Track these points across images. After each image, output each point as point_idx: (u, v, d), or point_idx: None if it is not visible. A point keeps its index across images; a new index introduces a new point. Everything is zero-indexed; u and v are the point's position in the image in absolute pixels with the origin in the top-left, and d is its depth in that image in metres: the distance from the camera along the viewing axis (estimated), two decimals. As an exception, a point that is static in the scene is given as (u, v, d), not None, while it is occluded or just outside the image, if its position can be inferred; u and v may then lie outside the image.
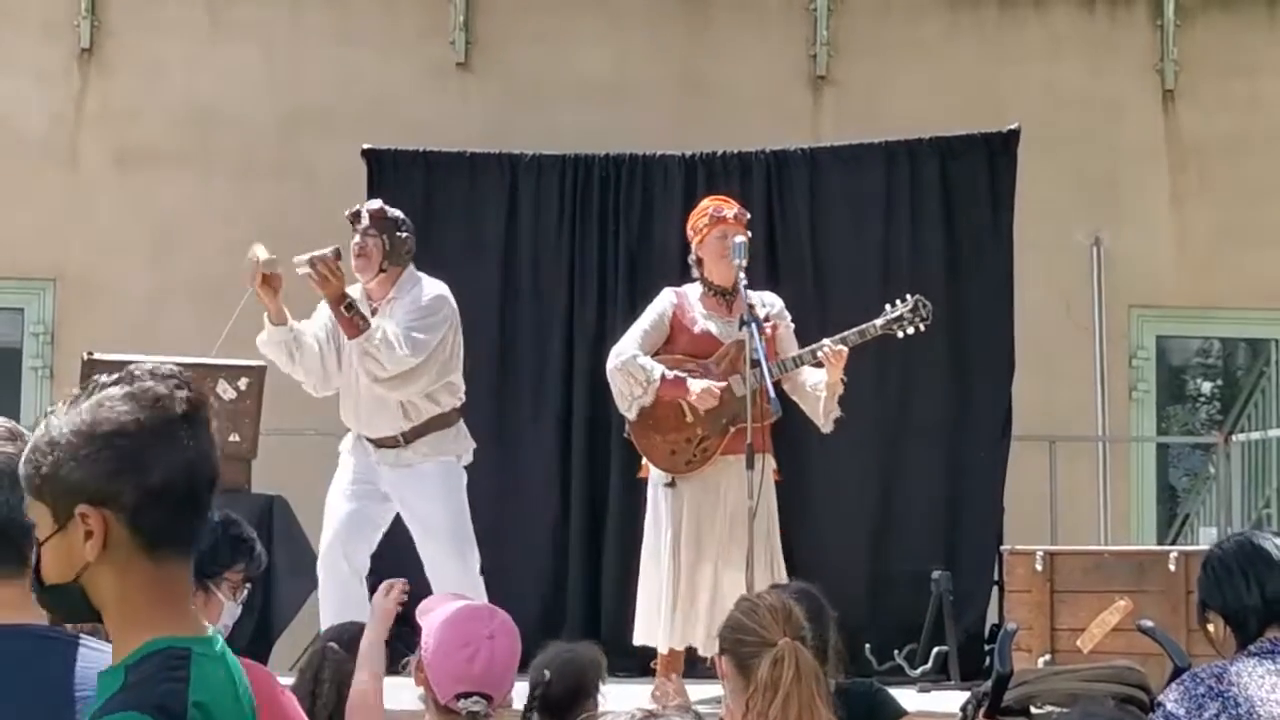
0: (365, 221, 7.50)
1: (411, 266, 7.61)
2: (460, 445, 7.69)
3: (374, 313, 7.46)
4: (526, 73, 11.13)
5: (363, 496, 7.54)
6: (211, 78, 11.11)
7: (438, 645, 4.05)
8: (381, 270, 7.52)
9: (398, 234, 7.51)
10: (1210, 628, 4.27)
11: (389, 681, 5.14)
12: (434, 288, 7.56)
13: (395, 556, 7.49)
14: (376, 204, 7.64)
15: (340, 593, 7.27)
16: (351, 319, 7.31)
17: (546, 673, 5.11)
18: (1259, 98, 11.67)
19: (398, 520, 7.58)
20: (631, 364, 7.58)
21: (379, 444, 7.54)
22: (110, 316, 10.54)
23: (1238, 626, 4.22)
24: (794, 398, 7.67)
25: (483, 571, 7.60)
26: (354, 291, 7.49)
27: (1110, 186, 11.50)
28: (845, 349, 7.40)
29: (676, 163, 9.73)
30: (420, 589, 5.71)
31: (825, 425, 7.61)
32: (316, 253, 7.24)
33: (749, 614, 4.31)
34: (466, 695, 3.99)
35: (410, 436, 7.54)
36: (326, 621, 6.60)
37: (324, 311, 7.51)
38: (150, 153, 11.03)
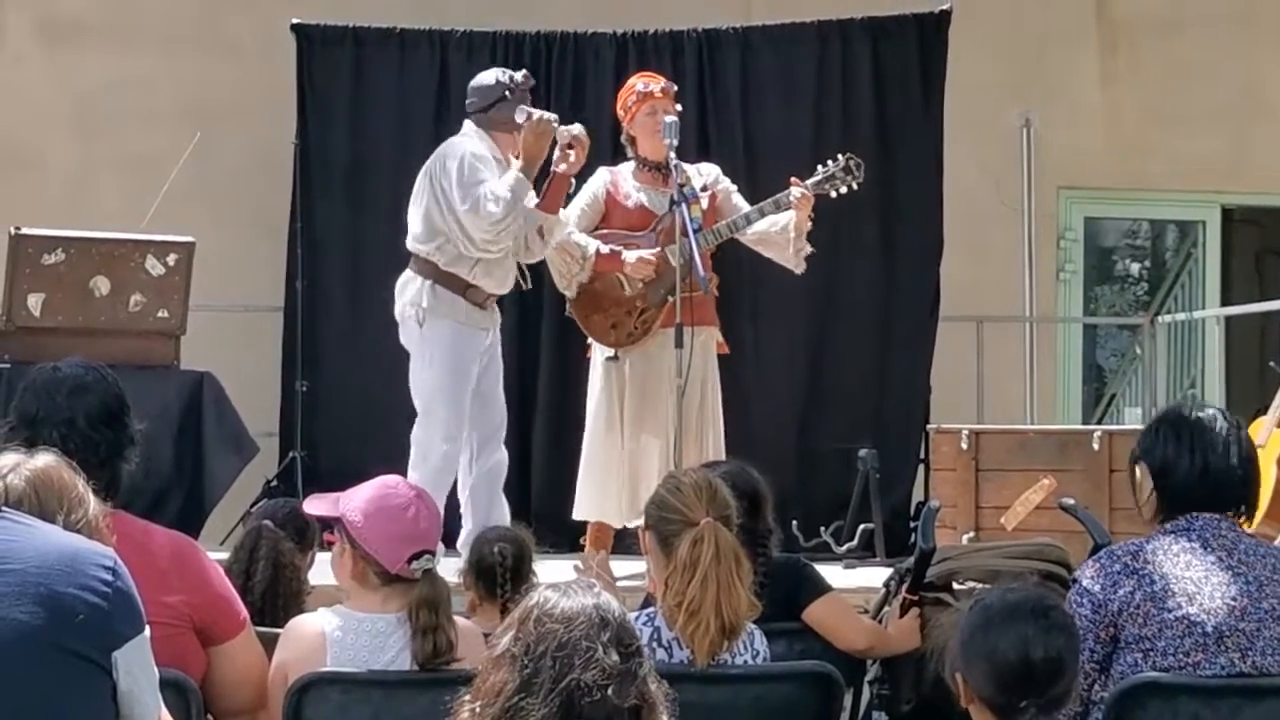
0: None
1: None
2: None
3: None
4: (457, -53, 11.00)
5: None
6: (136, -51, 10.95)
7: (375, 516, 4.06)
8: None
9: None
10: (1137, 472, 4.31)
11: (321, 557, 5.16)
12: None
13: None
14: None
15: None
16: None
17: (499, 549, 5.14)
18: (1190, -22, 11.69)
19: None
20: (566, 242, 7.58)
21: (485, 306, 7.44)
22: (38, 191, 10.42)
23: (1162, 480, 4.26)
24: (758, 249, 7.73)
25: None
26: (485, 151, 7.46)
27: (1041, 67, 11.50)
28: (811, 193, 7.46)
29: (608, 41, 9.68)
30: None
31: (798, 265, 7.66)
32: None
33: (673, 492, 4.34)
34: (417, 555, 4.04)
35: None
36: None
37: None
38: (75, 25, 10.87)
